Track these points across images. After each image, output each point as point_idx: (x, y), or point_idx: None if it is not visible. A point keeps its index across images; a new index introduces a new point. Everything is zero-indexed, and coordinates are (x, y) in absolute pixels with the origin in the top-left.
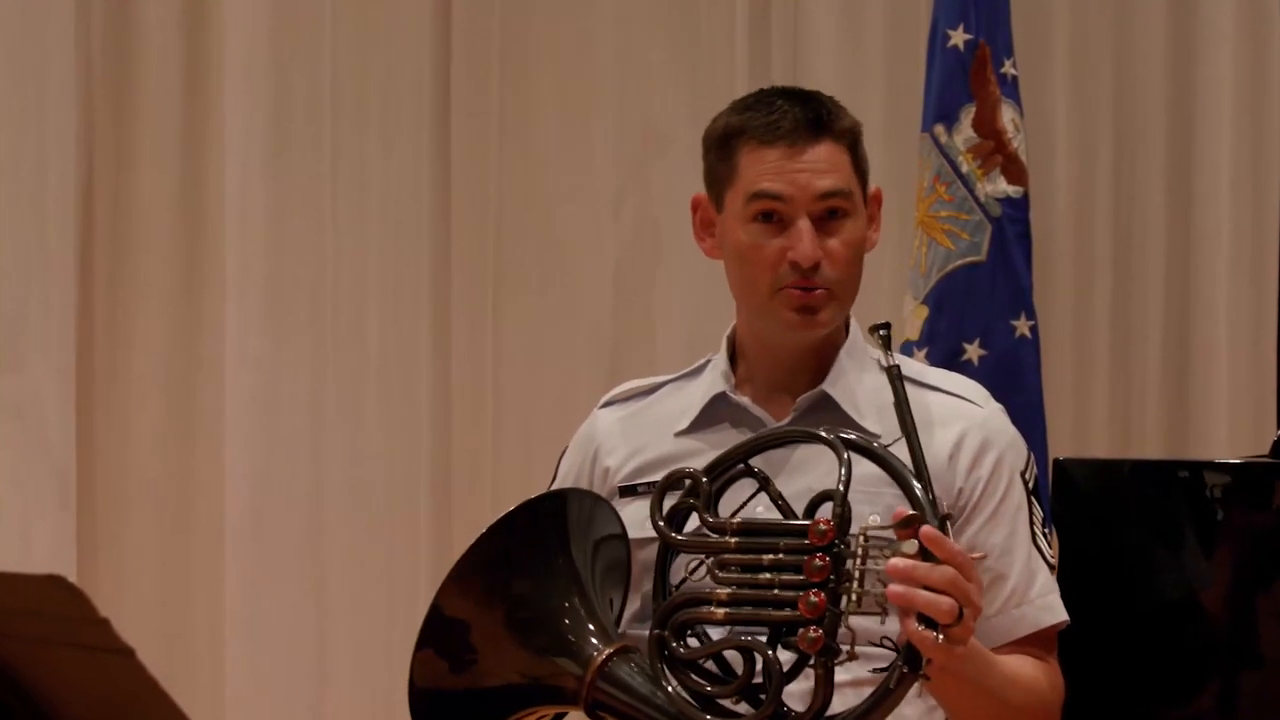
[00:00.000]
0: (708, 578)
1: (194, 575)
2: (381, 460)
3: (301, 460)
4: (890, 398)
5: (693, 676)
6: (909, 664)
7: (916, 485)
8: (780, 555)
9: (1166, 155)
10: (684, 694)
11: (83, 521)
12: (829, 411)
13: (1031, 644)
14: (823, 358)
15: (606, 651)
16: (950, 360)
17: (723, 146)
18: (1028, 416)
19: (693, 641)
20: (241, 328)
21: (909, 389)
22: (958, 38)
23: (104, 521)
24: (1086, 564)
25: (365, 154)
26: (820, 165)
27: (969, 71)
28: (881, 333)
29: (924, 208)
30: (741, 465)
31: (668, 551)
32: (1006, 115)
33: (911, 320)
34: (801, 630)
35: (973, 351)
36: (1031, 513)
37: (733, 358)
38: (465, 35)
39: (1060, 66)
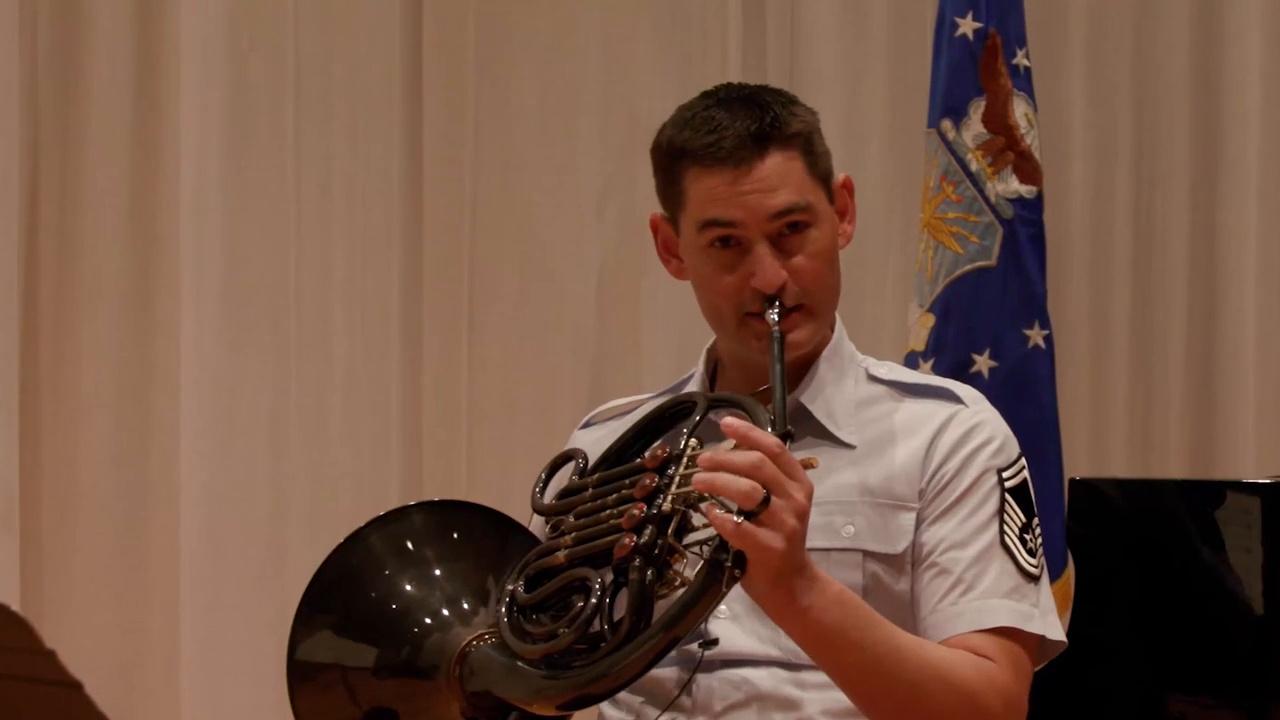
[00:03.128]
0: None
1: (147, 603)
2: (348, 480)
3: (262, 480)
4: (872, 405)
5: (543, 623)
6: (717, 553)
7: (759, 407)
8: (623, 492)
9: (1190, 152)
10: (524, 644)
11: (27, 545)
12: (804, 422)
13: (976, 645)
14: (802, 365)
15: (460, 646)
16: (958, 372)
17: (668, 169)
18: (1041, 432)
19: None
20: (198, 337)
21: (893, 399)
22: (966, 26)
23: (50, 545)
24: (1104, 588)
25: (331, 150)
26: (770, 181)
27: (978, 62)
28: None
29: (930, 209)
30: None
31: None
32: (1019, 109)
33: (917, 329)
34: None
35: (982, 363)
36: (1004, 513)
37: (715, 371)
38: (438, 22)
39: (1076, 57)
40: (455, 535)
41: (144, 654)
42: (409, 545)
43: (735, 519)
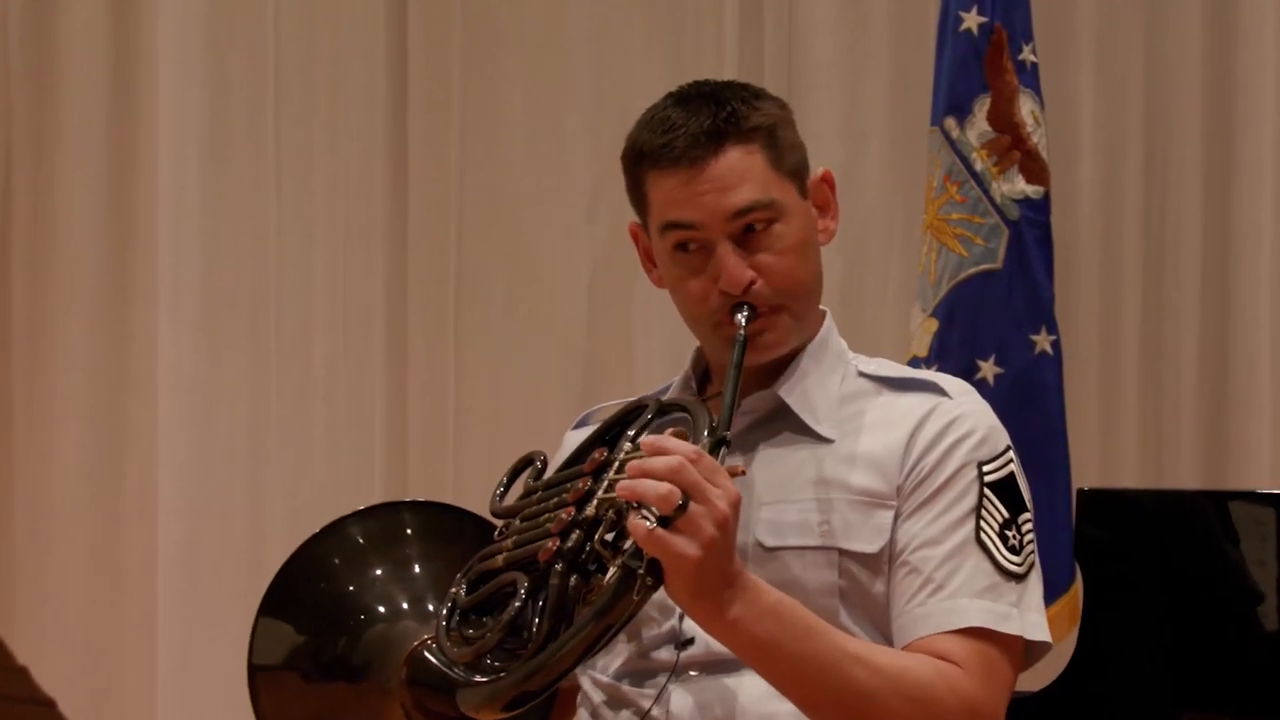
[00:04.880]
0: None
1: (123, 618)
2: (330, 491)
3: (242, 491)
4: (855, 400)
5: (481, 626)
6: (630, 560)
7: (702, 411)
8: (564, 496)
9: (1203, 150)
10: (455, 647)
11: None
12: (782, 417)
13: (942, 648)
14: (785, 358)
15: (410, 649)
16: (962, 379)
17: (632, 173)
18: (1049, 441)
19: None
20: (175, 343)
21: (877, 393)
22: (971, 20)
23: (22, 559)
24: (1114, 602)
25: (312, 149)
26: (727, 179)
27: (983, 58)
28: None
29: (933, 210)
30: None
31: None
32: (1025, 107)
33: (920, 334)
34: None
35: (988, 369)
36: (983, 508)
37: (707, 370)
38: (424, 17)
39: (1085, 52)
40: (437, 537)
41: (119, 670)
42: (388, 542)
43: (649, 524)
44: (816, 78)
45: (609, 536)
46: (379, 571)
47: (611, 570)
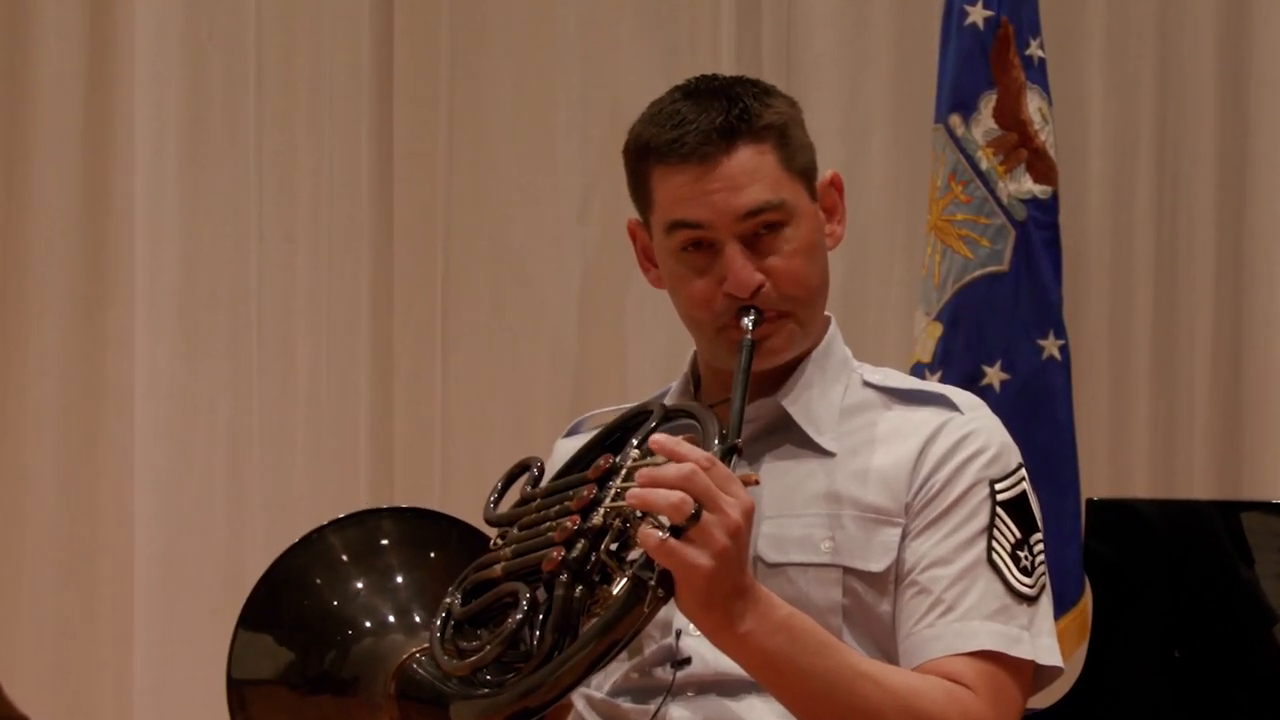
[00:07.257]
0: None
1: (98, 634)
2: (313, 501)
3: (221, 502)
4: (861, 413)
5: (477, 638)
6: (640, 570)
7: (711, 418)
8: (566, 504)
9: (1217, 148)
10: (450, 659)
11: None
12: (785, 428)
13: (952, 670)
14: (789, 368)
15: (399, 661)
16: (968, 385)
17: (635, 169)
18: (1057, 450)
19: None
20: (152, 349)
21: (884, 405)
22: (976, 14)
23: None
24: (1124, 615)
25: (295, 148)
26: (738, 179)
27: (989, 53)
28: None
29: (938, 210)
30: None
31: None
32: (1032, 103)
33: (923, 339)
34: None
35: (994, 375)
36: (994, 528)
37: (701, 375)
38: (410, 11)
39: (1094, 47)
40: (420, 544)
41: (95, 686)
42: (369, 551)
43: (661, 535)
44: (816, 73)
45: (613, 546)
46: (361, 582)
47: (620, 581)
